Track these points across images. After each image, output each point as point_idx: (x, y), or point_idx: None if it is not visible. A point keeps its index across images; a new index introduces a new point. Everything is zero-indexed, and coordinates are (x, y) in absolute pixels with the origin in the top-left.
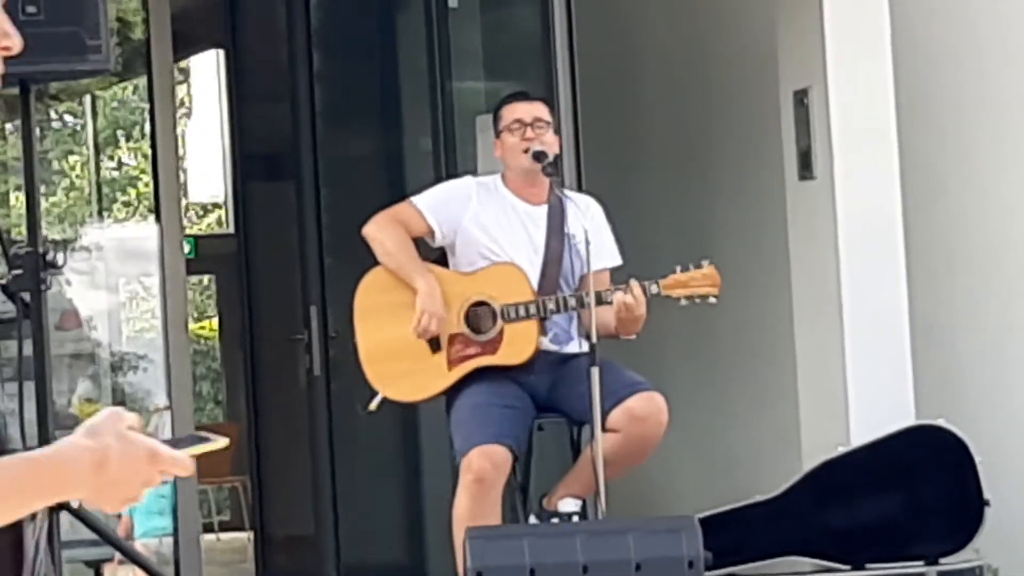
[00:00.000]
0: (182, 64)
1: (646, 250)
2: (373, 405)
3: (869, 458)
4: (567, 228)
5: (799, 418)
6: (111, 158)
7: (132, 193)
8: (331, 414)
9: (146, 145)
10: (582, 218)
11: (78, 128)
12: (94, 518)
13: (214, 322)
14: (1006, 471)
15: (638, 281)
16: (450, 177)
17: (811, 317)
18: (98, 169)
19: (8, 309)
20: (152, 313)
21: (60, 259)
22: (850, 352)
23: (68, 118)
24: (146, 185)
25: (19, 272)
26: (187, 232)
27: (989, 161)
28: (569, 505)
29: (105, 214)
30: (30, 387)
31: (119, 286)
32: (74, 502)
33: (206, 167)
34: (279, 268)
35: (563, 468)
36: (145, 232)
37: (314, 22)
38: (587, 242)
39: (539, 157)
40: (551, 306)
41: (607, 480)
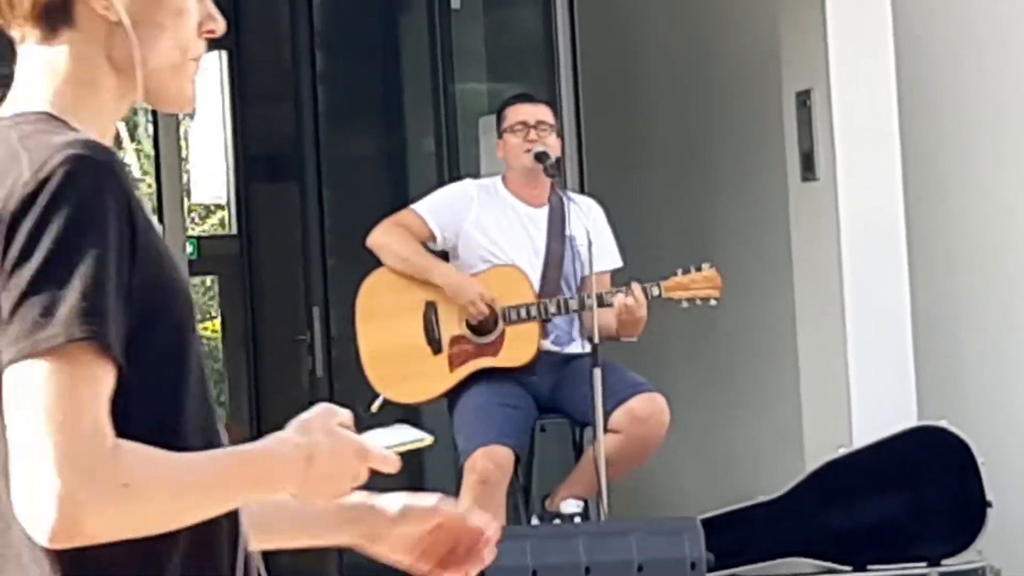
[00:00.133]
0: None
1: (648, 250)
2: (374, 407)
3: (872, 459)
4: (568, 230)
5: (801, 418)
6: None
7: None
8: None
9: (149, 146)
10: (583, 219)
11: None
12: None
13: (217, 323)
14: (1007, 471)
15: (639, 283)
16: (452, 178)
17: (814, 317)
18: None
19: None
20: None
21: None
22: (853, 352)
23: None
24: (149, 186)
25: None
26: (190, 233)
27: (989, 161)
28: (571, 506)
29: None
30: None
31: None
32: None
33: (209, 168)
34: (282, 269)
35: (565, 469)
36: None
37: (317, 23)
38: (589, 243)
39: (541, 157)
40: (552, 308)
41: (609, 481)
